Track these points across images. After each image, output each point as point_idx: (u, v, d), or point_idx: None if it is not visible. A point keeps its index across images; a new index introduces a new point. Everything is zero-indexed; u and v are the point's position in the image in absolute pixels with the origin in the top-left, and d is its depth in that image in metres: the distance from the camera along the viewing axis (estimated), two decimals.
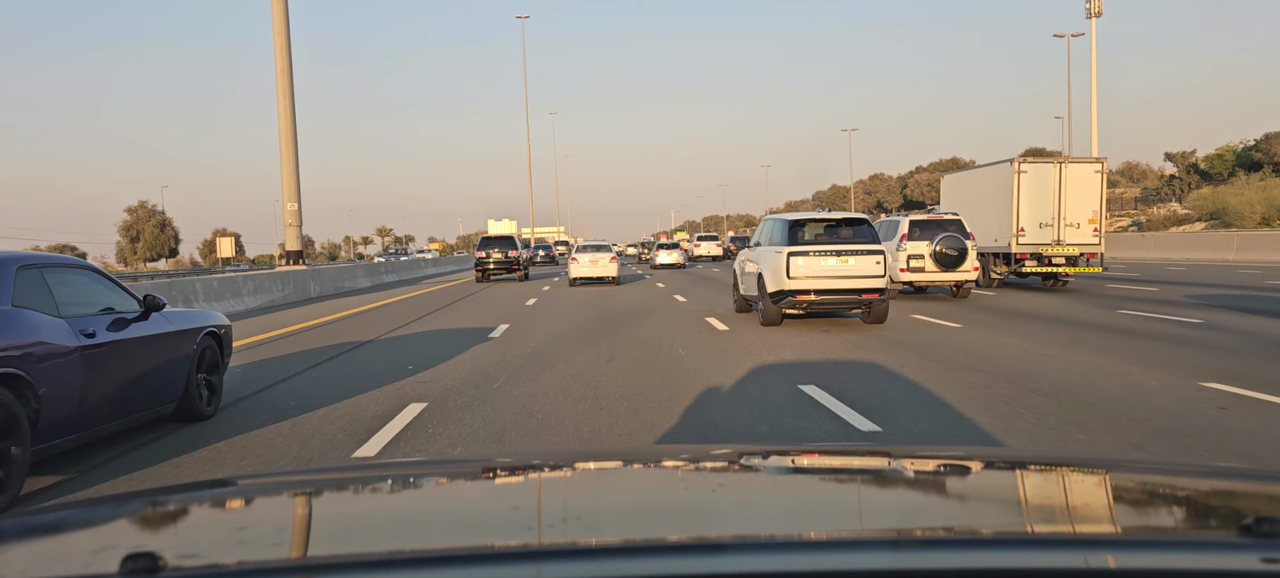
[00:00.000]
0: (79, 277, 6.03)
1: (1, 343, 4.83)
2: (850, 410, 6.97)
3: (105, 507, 1.62)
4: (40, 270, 5.53)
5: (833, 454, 2.13)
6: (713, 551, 1.11)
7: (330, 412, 7.30)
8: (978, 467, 1.81)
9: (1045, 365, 9.17)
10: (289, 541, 1.33)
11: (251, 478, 1.95)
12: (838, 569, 1.02)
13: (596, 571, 1.03)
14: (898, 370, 9.05)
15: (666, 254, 38.73)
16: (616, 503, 1.59)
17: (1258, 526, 1.06)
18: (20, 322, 5.05)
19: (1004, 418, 6.72)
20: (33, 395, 4.96)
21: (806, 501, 1.56)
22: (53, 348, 5.19)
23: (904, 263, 18.27)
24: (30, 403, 4.95)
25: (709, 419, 6.95)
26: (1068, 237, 20.11)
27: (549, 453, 4.64)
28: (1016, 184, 20.09)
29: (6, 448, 4.72)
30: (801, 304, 12.85)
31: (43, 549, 1.30)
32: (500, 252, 31.60)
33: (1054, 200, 20.13)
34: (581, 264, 26.56)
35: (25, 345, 4.99)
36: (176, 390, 6.74)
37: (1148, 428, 6.34)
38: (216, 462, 5.81)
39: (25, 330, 5.04)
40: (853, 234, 13.36)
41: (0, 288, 5.10)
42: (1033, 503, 1.51)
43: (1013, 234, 20.09)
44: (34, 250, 12.76)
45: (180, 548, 1.24)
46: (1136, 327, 12.50)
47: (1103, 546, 1.16)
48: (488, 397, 7.83)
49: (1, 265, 5.23)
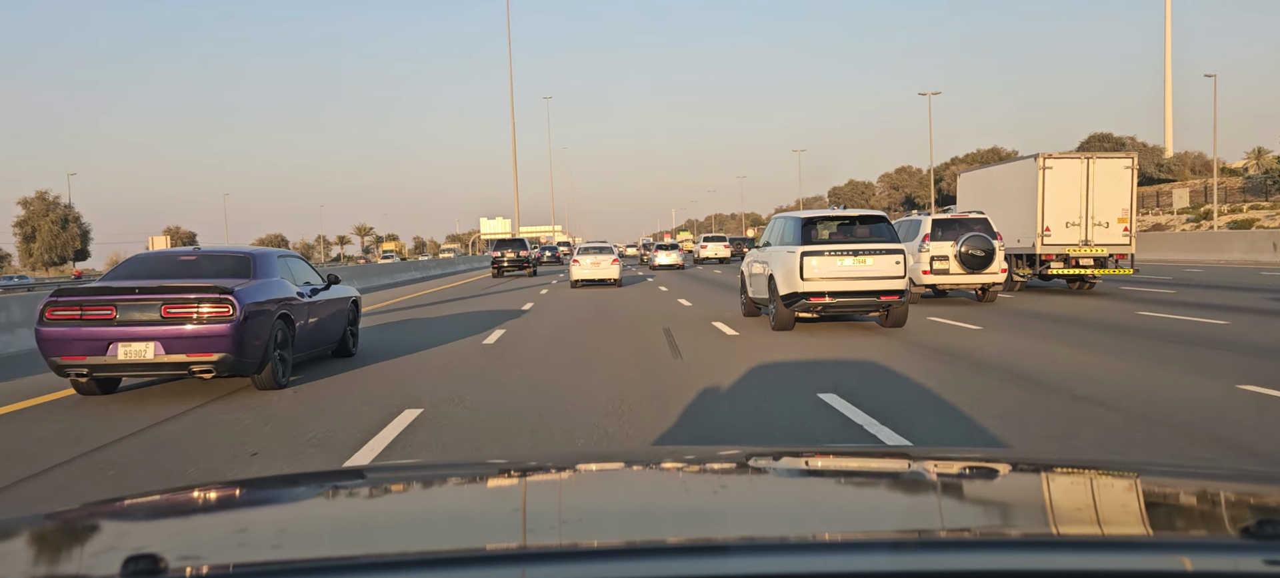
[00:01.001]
0: (296, 262, 9.95)
1: (279, 296, 8.55)
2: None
3: (107, 509, 1.63)
4: (284, 258, 9.54)
5: (835, 456, 2.10)
6: (715, 552, 1.12)
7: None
8: (979, 468, 1.80)
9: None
10: (290, 543, 1.33)
11: (253, 481, 2.00)
12: (841, 571, 1.02)
13: (598, 572, 1.03)
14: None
15: (665, 255, 39.05)
16: (618, 505, 1.59)
17: (1260, 528, 1.05)
18: (283, 286, 8.83)
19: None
20: (291, 326, 8.73)
21: (809, 502, 1.55)
22: (296, 301, 8.96)
23: (927, 265, 17.53)
24: (291, 329, 8.73)
25: (714, 425, 6.33)
26: (1096, 237, 19.30)
27: (550, 455, 4.68)
28: (1042, 181, 19.30)
29: (287, 351, 8.56)
30: (816, 307, 12.23)
31: (45, 552, 1.32)
32: (513, 252, 37.53)
33: (1082, 198, 19.33)
34: (583, 266, 26.17)
35: (288, 299, 8.76)
36: (338, 335, 10.51)
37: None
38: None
39: (285, 290, 8.82)
40: (870, 232, 12.70)
41: (271, 267, 8.87)
42: (1037, 505, 1.51)
43: (1038, 234, 19.31)
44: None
45: (181, 550, 1.22)
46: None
47: (1105, 548, 1.16)
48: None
49: (268, 254, 9.18)
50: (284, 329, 8.56)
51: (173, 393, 8.29)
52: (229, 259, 8.88)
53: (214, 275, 8.40)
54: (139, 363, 7.67)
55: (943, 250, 17.53)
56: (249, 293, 8.05)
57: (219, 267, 8.68)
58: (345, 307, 10.58)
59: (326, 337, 10.00)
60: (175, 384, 8.72)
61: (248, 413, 7.32)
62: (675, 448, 4.81)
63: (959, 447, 5.60)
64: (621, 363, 9.80)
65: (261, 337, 8.08)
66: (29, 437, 6.66)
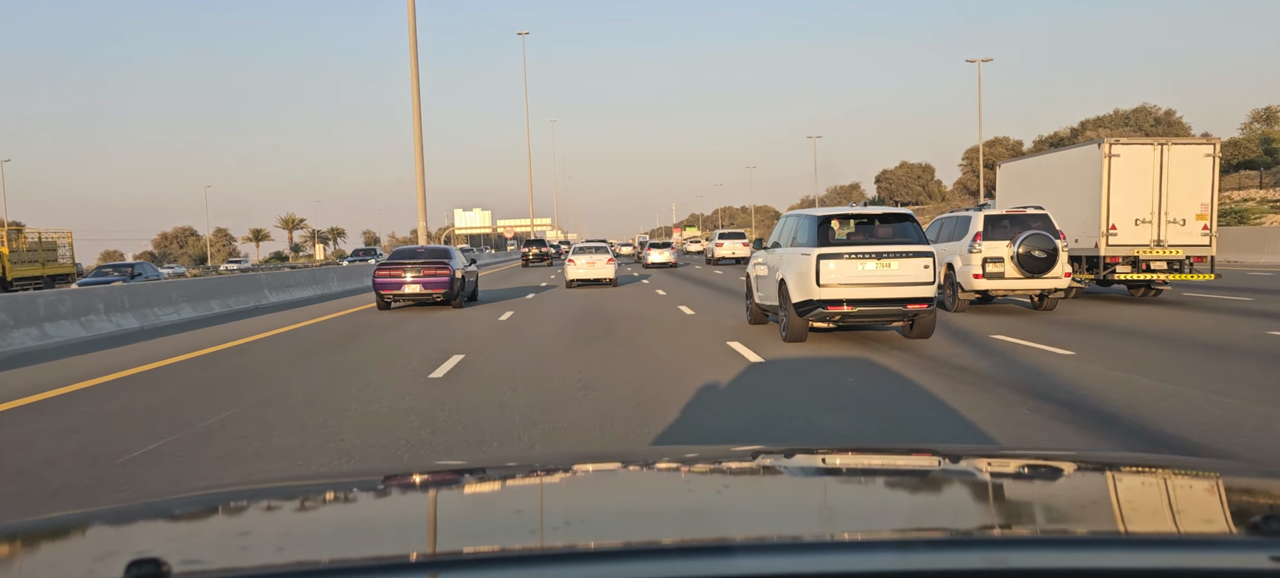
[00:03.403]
0: (460, 252, 21.56)
1: (458, 269, 19.33)
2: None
3: (109, 513, 1.62)
4: (458, 250, 23.15)
5: (838, 454, 2.00)
6: (717, 552, 1.10)
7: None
8: (982, 466, 1.76)
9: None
10: (293, 546, 1.32)
11: (255, 484, 1.93)
12: (844, 571, 1.01)
13: (598, 573, 1.03)
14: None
15: (657, 253, 41.51)
16: (618, 505, 1.57)
17: (1265, 524, 1.05)
18: (459, 264, 19.67)
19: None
20: (463, 282, 19.65)
21: (812, 501, 1.55)
22: (471, 271, 20.84)
23: (979, 267, 14.93)
24: (462, 283, 19.57)
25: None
26: (1170, 236, 16.67)
27: (551, 455, 4.48)
28: (1107, 171, 16.64)
29: (461, 292, 19.55)
30: (833, 317, 10.92)
31: (47, 556, 1.33)
32: (538, 249, 51.90)
33: (1153, 191, 16.68)
34: (578, 266, 27.02)
35: (461, 270, 19.57)
36: (472, 289, 21.00)
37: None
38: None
39: (460, 265, 19.70)
40: (893, 232, 11.27)
41: (455, 254, 20.20)
42: (1041, 503, 1.50)
43: (1102, 233, 16.66)
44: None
45: (184, 554, 1.23)
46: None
47: (1109, 545, 1.15)
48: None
49: (453, 250, 20.76)
50: (459, 283, 19.15)
51: (415, 310, 19.08)
52: (440, 250, 19.84)
53: (436, 257, 19.16)
54: (410, 293, 18.61)
55: (997, 251, 14.93)
56: (453, 265, 18.95)
57: (435, 254, 19.45)
58: (475, 274, 21.49)
59: (469, 288, 20.67)
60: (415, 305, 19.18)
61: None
62: (675, 448, 4.82)
63: (959, 444, 5.47)
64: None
65: (455, 285, 18.80)
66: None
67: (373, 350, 11.85)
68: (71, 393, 8.84)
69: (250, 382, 9.32)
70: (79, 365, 11.09)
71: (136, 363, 11.14)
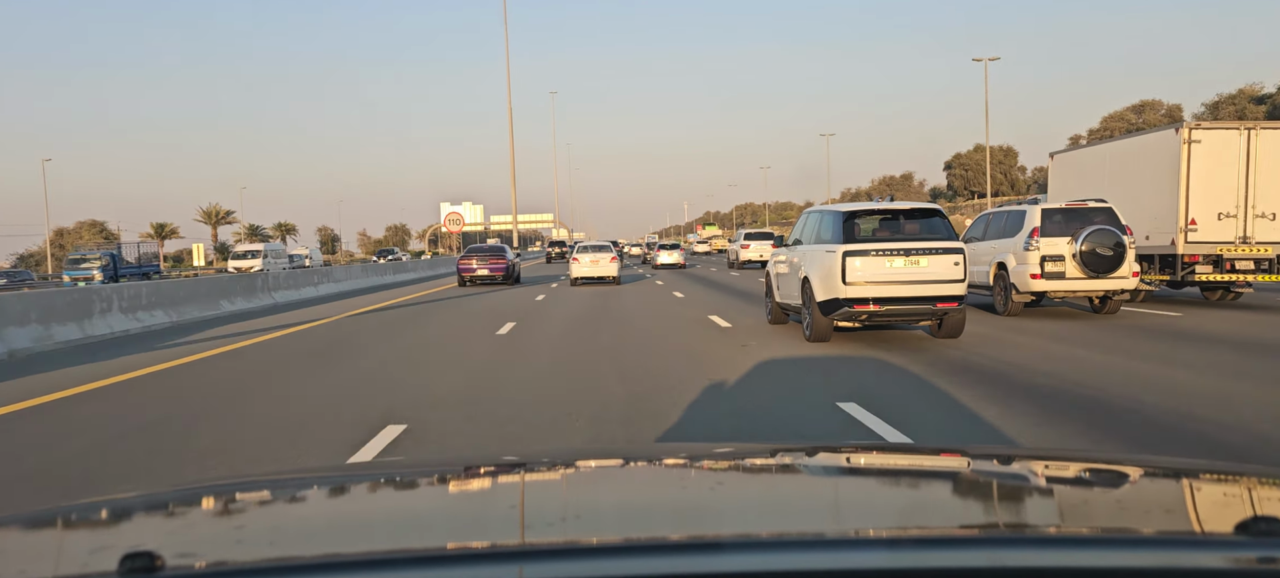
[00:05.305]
0: (499, 244, 32.57)
1: (510, 258, 30.11)
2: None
3: (104, 506, 1.57)
4: (509, 244, 41.77)
5: (834, 452, 2.00)
6: (713, 549, 1.10)
7: (542, 283, 29.79)
8: (977, 465, 1.75)
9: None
10: (287, 540, 1.30)
11: (250, 478, 1.91)
12: (837, 568, 1.00)
13: (597, 569, 1.01)
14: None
15: (667, 254, 41.43)
16: (617, 501, 1.55)
17: (1256, 524, 1.05)
18: (510, 255, 30.61)
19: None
20: (515, 268, 30.47)
21: (808, 498, 1.54)
22: (514, 261, 30.68)
23: (1036, 267, 13.05)
24: (514, 269, 30.45)
25: None
26: (1259, 232, 14.61)
27: (549, 453, 4.22)
28: (1186, 158, 14.61)
29: (512, 275, 30.03)
30: (859, 316, 10.59)
31: (41, 548, 1.31)
32: (559, 249, 64.71)
33: (1239, 182, 14.63)
34: (582, 264, 27.79)
35: (512, 260, 30.31)
36: (516, 274, 31.11)
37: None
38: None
39: (511, 256, 30.63)
40: (922, 229, 10.87)
41: (508, 249, 31.31)
42: (1033, 501, 1.49)
43: (1179, 229, 14.65)
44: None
45: (179, 547, 1.20)
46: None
47: (1101, 544, 1.13)
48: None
49: (506, 247, 32.29)
50: (511, 269, 29.42)
51: (477, 290, 26.10)
52: (498, 247, 30.40)
53: (497, 251, 29.67)
54: (481, 275, 28.88)
55: (1057, 249, 13.07)
56: (508, 256, 29.56)
57: (496, 249, 29.96)
58: (519, 263, 31.72)
59: (517, 273, 30.38)
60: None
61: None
62: (674, 445, 4.85)
63: (957, 443, 5.49)
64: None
65: (510, 270, 29.33)
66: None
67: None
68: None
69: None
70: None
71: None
